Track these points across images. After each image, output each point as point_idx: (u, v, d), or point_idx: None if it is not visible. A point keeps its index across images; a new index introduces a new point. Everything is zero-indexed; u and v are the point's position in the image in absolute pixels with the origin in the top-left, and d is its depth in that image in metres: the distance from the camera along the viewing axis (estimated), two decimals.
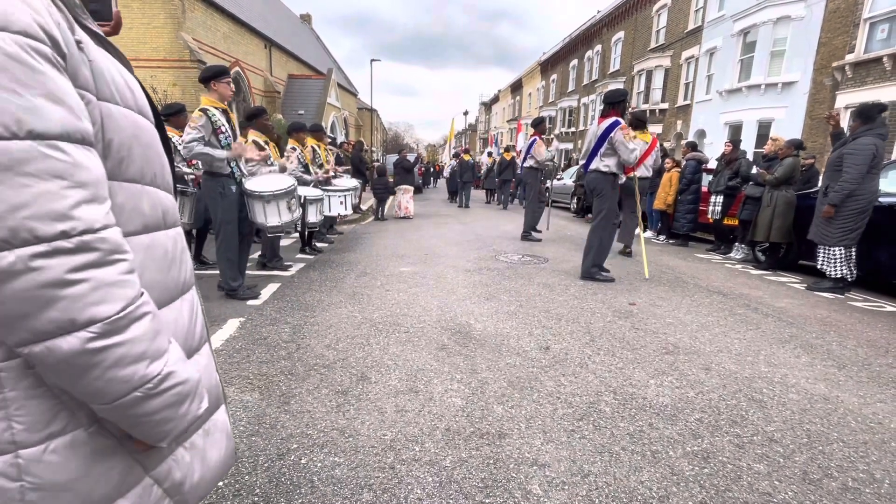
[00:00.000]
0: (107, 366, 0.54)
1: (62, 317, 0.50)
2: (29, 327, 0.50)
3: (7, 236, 0.48)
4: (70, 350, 0.51)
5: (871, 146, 4.46)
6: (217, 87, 3.62)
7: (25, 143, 0.49)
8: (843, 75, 11.32)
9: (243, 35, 19.85)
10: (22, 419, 0.55)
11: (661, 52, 19.61)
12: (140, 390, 0.57)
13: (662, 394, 2.38)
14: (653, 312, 3.79)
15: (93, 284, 0.52)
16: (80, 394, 0.55)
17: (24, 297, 0.49)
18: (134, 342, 0.56)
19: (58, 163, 0.51)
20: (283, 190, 3.98)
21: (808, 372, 2.74)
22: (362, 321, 3.40)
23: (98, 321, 0.52)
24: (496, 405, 2.23)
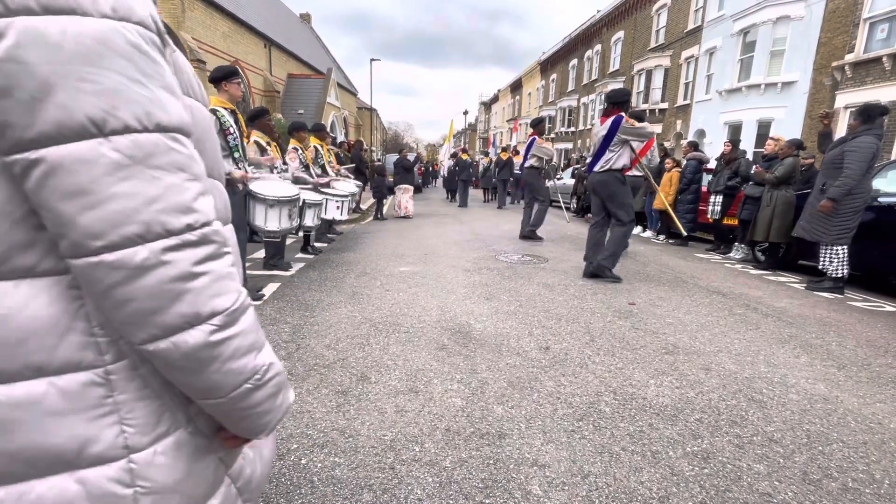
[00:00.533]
0: (225, 358, 0.54)
1: (189, 310, 0.51)
2: (159, 322, 0.50)
3: (142, 231, 0.48)
4: (195, 343, 0.52)
5: (872, 145, 4.51)
6: (228, 87, 3.62)
7: (154, 136, 0.49)
8: (843, 75, 11.32)
9: (243, 34, 19.84)
10: (133, 422, 0.54)
11: (660, 51, 19.61)
12: (250, 381, 0.58)
13: (662, 394, 2.38)
14: (652, 312, 3.79)
15: (213, 277, 0.52)
16: (198, 389, 0.56)
17: (155, 292, 0.49)
18: (245, 333, 0.56)
19: (179, 155, 0.51)
20: (288, 198, 3.98)
21: (808, 372, 2.74)
22: (362, 321, 3.40)
23: (219, 313, 0.53)
24: (496, 405, 2.23)
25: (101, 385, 0.53)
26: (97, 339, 0.52)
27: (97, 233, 0.46)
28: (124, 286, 0.48)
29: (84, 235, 0.46)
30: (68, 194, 0.45)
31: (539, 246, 7.02)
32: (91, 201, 0.46)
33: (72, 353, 0.51)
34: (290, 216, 4.02)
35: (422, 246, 6.75)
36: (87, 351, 0.52)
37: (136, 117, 0.48)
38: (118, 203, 0.47)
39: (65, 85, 0.45)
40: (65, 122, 0.45)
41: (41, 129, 0.44)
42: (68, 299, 0.51)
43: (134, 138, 0.48)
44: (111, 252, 0.47)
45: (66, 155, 0.45)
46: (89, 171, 0.46)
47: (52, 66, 0.44)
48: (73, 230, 0.46)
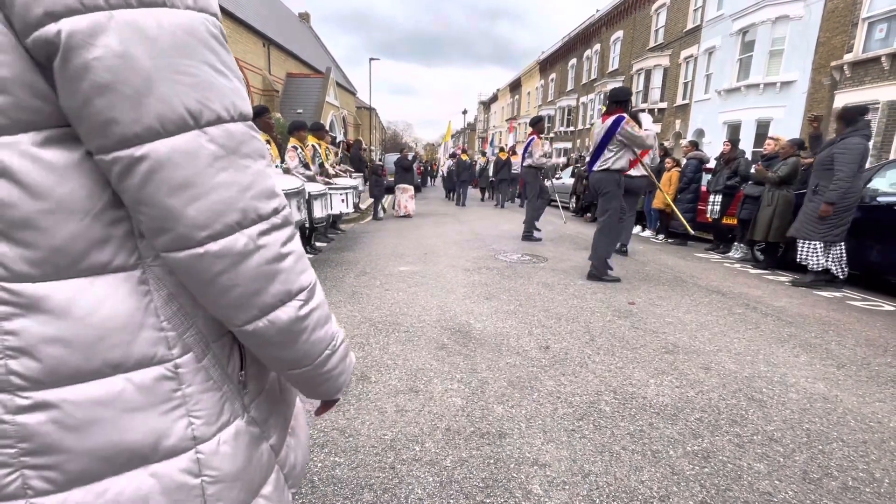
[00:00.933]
0: (311, 328, 0.58)
1: (282, 288, 0.53)
2: (259, 303, 0.52)
3: (240, 218, 0.49)
4: (288, 318, 0.55)
5: (861, 145, 4.62)
6: None
7: (240, 126, 0.51)
8: (842, 75, 11.33)
9: (241, 33, 19.81)
10: (200, 413, 0.56)
11: (659, 51, 19.62)
12: (329, 347, 0.62)
13: (662, 393, 2.39)
14: (652, 312, 3.80)
15: (296, 256, 0.55)
16: (289, 360, 0.59)
17: (256, 275, 0.51)
18: (322, 305, 0.60)
19: (258, 143, 0.53)
20: (294, 189, 3.97)
21: (808, 371, 2.75)
22: (362, 320, 3.39)
23: (305, 288, 0.56)
24: (496, 405, 2.23)
25: (172, 379, 0.54)
26: (166, 334, 0.53)
27: (203, 223, 0.48)
28: (229, 273, 0.50)
29: (191, 227, 0.47)
30: (175, 188, 0.46)
31: (538, 245, 7.02)
32: (197, 193, 0.47)
33: (146, 348, 0.52)
34: (298, 208, 4.02)
35: (421, 245, 6.74)
36: (158, 346, 0.53)
37: (226, 108, 0.49)
38: (220, 193, 0.48)
39: (165, 78, 0.45)
40: (167, 116, 0.45)
41: (146, 124, 0.45)
42: (139, 295, 0.52)
43: (226, 128, 0.49)
44: (215, 241, 0.48)
45: (172, 149, 0.46)
46: (193, 163, 0.47)
47: (154, 59, 0.44)
48: (179, 223, 0.47)
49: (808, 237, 4.92)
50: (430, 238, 7.52)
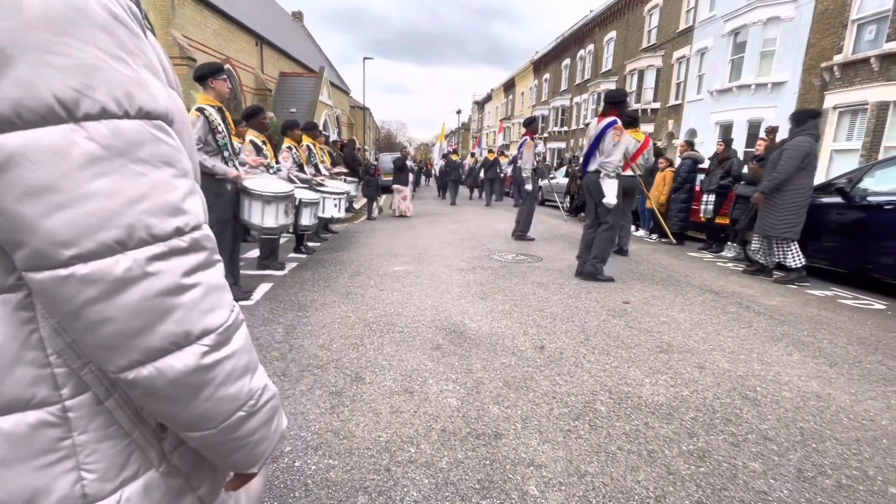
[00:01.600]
0: (218, 382, 0.47)
1: (177, 329, 0.43)
2: (141, 346, 0.42)
3: (123, 236, 0.40)
4: (184, 368, 0.44)
5: (806, 144, 4.94)
6: (215, 84, 3.56)
7: (137, 123, 0.42)
8: (832, 76, 11.45)
9: (234, 32, 19.67)
10: (94, 466, 0.46)
11: (652, 51, 19.73)
12: (244, 408, 0.51)
13: (657, 392, 2.39)
14: (646, 311, 3.81)
15: (205, 289, 0.45)
16: (184, 420, 0.48)
17: (139, 310, 0.41)
18: (240, 353, 0.49)
19: (166, 147, 0.44)
20: (285, 193, 3.94)
21: (801, 370, 2.76)
22: (356, 321, 3.37)
23: (212, 331, 0.46)
24: (492, 405, 2.22)
25: (57, 425, 0.44)
26: (53, 371, 0.44)
27: (68, 239, 0.38)
28: (101, 304, 0.40)
29: (51, 243, 0.38)
30: (30, 192, 0.37)
31: (533, 245, 7.02)
32: (60, 201, 0.38)
33: (20, 389, 0.43)
34: (286, 212, 3.98)
35: (416, 245, 6.72)
36: (39, 386, 0.43)
37: (116, 99, 0.41)
38: (95, 203, 0.39)
39: (26, 57, 0.37)
40: (26, 103, 0.37)
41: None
42: (17, 323, 0.43)
43: (113, 125, 0.40)
44: (85, 263, 0.39)
45: (29, 143, 0.37)
46: (59, 163, 0.38)
47: (11, 32, 0.37)
48: (35, 237, 0.38)
49: (769, 233, 5.18)
50: (425, 238, 7.50)
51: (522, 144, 7.39)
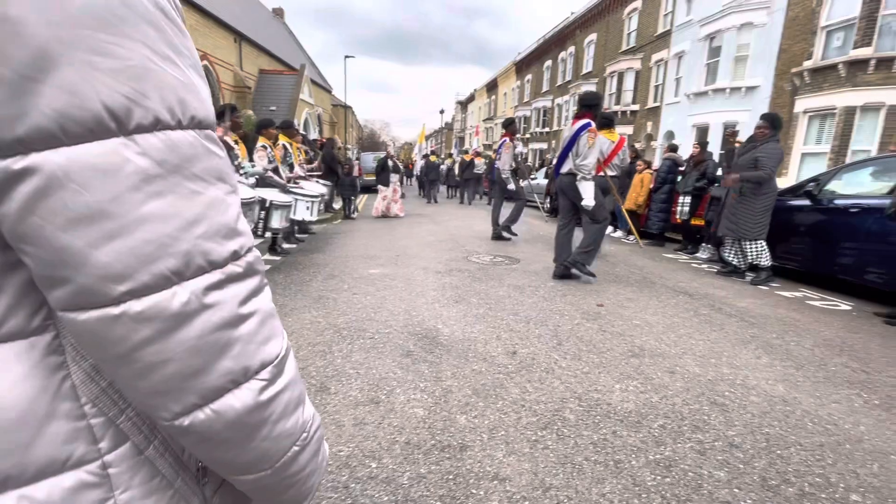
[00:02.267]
0: (276, 418, 0.42)
1: (236, 365, 0.39)
2: (199, 387, 0.37)
3: (180, 266, 0.35)
4: (243, 407, 0.39)
5: (781, 150, 5.20)
6: None
7: (190, 135, 0.37)
8: (802, 81, 11.76)
9: (211, 28, 19.21)
10: None
11: (631, 54, 19.99)
12: (299, 441, 0.46)
13: (627, 399, 2.37)
14: (620, 314, 3.81)
15: (260, 318, 0.40)
16: (241, 463, 0.43)
17: (197, 347, 0.36)
18: (294, 383, 0.45)
19: (218, 160, 0.39)
20: (244, 200, 3.82)
21: (769, 373, 2.79)
22: (326, 327, 3.28)
23: (269, 363, 0.41)
24: (459, 415, 2.17)
25: (97, 485, 0.38)
26: (89, 422, 0.38)
27: (121, 273, 0.33)
28: (156, 344, 0.35)
29: (101, 277, 0.33)
30: (77, 219, 0.32)
31: (511, 246, 7.01)
32: (112, 228, 0.33)
33: (54, 449, 0.37)
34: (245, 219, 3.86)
35: (394, 247, 6.64)
36: (76, 442, 0.38)
37: (169, 107, 0.35)
38: (150, 229, 0.34)
39: (73, 58, 0.31)
40: (72, 113, 0.31)
41: (36, 124, 0.30)
42: (47, 371, 0.37)
43: (167, 137, 0.35)
44: (138, 298, 0.34)
45: (74, 161, 0.32)
46: (109, 184, 0.32)
47: (55, 28, 0.30)
48: (82, 272, 0.33)
49: (739, 236, 5.30)
50: (404, 239, 7.42)
51: (502, 145, 7.38)
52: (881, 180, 5.20)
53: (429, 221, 10.05)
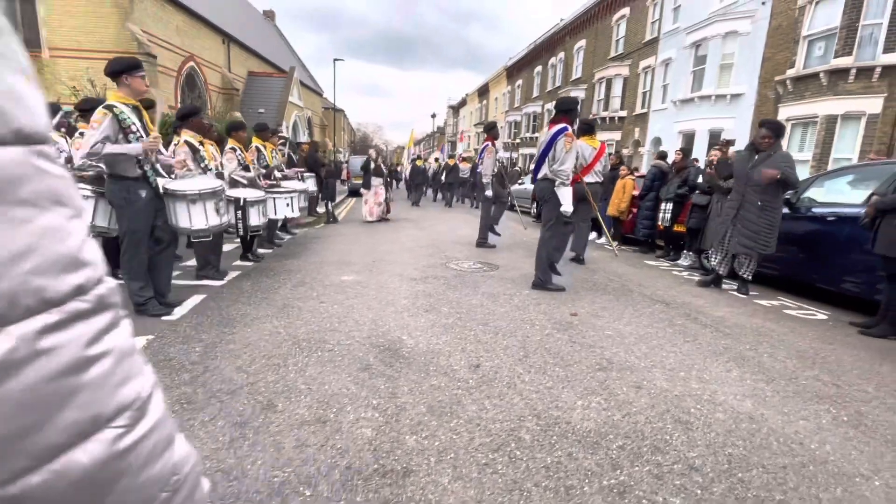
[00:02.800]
0: (139, 466, 0.37)
1: (83, 416, 0.34)
2: (30, 448, 0.31)
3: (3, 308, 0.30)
4: (93, 462, 0.34)
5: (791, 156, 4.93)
6: (130, 81, 3.28)
7: (14, 151, 0.31)
8: (785, 89, 11.85)
9: (199, 29, 19.03)
10: None
11: (620, 61, 20.10)
12: (168, 486, 0.40)
13: (588, 417, 2.27)
14: (593, 324, 3.72)
15: (115, 357, 0.36)
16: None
17: (27, 402, 0.31)
18: (160, 424, 0.40)
19: (54, 180, 0.34)
20: (210, 189, 3.68)
21: (738, 387, 2.70)
22: (285, 338, 3.15)
23: (127, 407, 0.37)
24: (409, 435, 2.05)
25: None
26: None
27: None
28: None
29: None
30: None
31: (492, 252, 6.92)
32: None
33: None
34: (217, 210, 3.71)
35: (372, 252, 6.51)
36: None
37: None
38: None
39: None
40: None
41: None
42: None
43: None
44: None
45: None
46: None
47: None
48: None
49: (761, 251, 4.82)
50: (384, 244, 7.30)
51: (484, 150, 7.30)
52: (859, 188, 5.19)
53: (413, 226, 9.93)
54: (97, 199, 3.60)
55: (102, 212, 3.74)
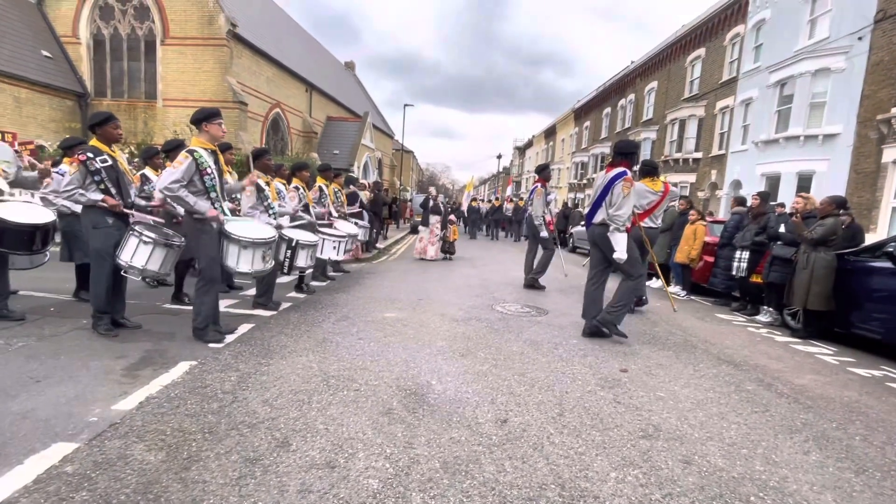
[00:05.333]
0: None
1: None
2: None
3: None
4: None
5: None
6: (208, 128, 3.66)
7: None
8: (890, 128, 10.62)
9: (286, 79, 21.14)
10: None
11: (694, 101, 19.31)
12: None
13: (621, 493, 1.99)
14: (644, 382, 3.36)
15: None
16: None
17: None
18: None
19: None
20: (263, 240, 3.90)
21: (816, 475, 2.26)
22: (316, 373, 3.16)
23: None
24: (416, 493, 1.91)
25: None
26: None
27: None
28: None
29: None
30: None
31: (542, 296, 6.64)
32: None
33: None
34: (263, 258, 3.91)
35: (419, 290, 6.52)
36: None
37: None
38: None
39: None
40: None
41: None
42: None
43: None
44: None
45: None
46: None
47: None
48: None
49: None
50: (433, 282, 7.30)
51: (533, 191, 7.18)
52: None
53: (467, 265, 9.88)
54: (154, 245, 3.65)
55: (157, 257, 3.73)
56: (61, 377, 2.84)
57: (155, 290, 5.41)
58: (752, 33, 16.28)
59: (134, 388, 2.75)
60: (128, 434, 2.24)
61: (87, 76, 16.93)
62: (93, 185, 3.59)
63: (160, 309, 4.64)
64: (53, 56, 16.33)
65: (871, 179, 11.21)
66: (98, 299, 3.68)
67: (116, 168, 3.70)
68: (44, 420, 2.31)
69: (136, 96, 17.08)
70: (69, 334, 3.66)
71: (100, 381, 2.83)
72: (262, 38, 19.44)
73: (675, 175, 19.62)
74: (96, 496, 1.75)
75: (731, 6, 17.46)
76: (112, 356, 3.25)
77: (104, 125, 3.65)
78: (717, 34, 18.33)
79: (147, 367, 3.10)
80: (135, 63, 16.99)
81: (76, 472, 1.91)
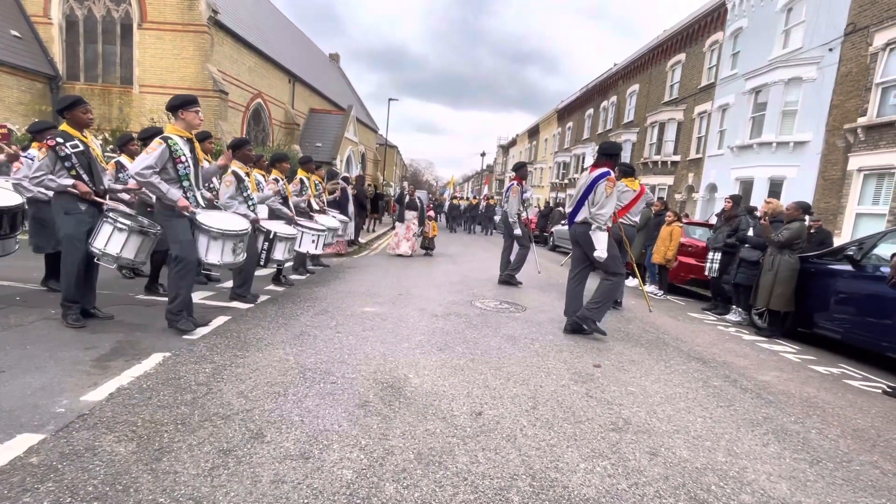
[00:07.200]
0: None
1: None
2: None
3: None
4: None
5: None
6: (185, 115, 3.58)
7: None
8: (856, 137, 11.07)
9: (268, 69, 20.74)
10: None
11: (674, 105, 19.72)
12: None
13: (589, 483, 2.05)
14: (616, 378, 3.46)
15: None
16: None
17: None
18: None
19: None
20: (233, 232, 3.84)
21: (773, 466, 2.38)
22: (293, 366, 3.15)
23: None
24: (389, 483, 1.94)
25: None
26: None
27: None
28: None
29: None
30: None
31: (521, 292, 6.73)
32: None
33: None
34: (234, 251, 3.86)
35: (399, 285, 6.53)
36: None
37: None
38: None
39: None
40: None
41: None
42: None
43: None
44: None
45: None
46: None
47: None
48: None
49: None
50: (414, 278, 7.31)
51: (509, 189, 7.26)
52: None
53: (448, 261, 9.93)
54: (129, 232, 3.60)
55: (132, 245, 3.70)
56: (27, 367, 2.76)
57: (130, 280, 5.29)
58: (729, 41, 16.71)
59: (104, 380, 2.69)
60: (97, 425, 2.20)
61: (58, 58, 16.30)
62: (63, 171, 3.48)
63: (133, 300, 4.53)
64: (23, 36, 15.68)
65: (838, 186, 11.66)
66: (68, 288, 3.58)
67: (88, 154, 3.60)
68: (7, 411, 2.25)
69: (111, 81, 16.53)
70: (36, 324, 3.56)
71: (68, 371, 2.77)
72: (245, 27, 19.06)
73: (654, 177, 20.03)
74: (62, 487, 1.73)
75: (710, 13, 17.87)
76: (82, 347, 3.17)
77: (73, 109, 3.54)
78: (696, 40, 18.74)
79: (118, 358, 3.04)
80: (110, 46, 16.41)
81: (42, 462, 1.87)
